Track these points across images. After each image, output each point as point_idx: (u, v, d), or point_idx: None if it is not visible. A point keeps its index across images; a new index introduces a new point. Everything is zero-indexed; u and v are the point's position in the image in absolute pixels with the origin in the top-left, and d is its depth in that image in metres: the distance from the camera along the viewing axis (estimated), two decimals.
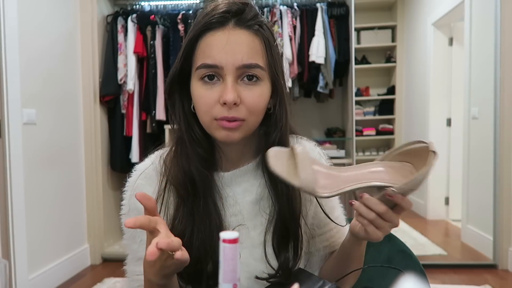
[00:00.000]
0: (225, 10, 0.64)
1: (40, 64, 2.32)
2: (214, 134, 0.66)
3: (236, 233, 0.44)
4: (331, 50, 2.88)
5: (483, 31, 2.80)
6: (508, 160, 2.54)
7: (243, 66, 0.63)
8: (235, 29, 0.64)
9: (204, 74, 0.64)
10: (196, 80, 0.65)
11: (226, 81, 0.63)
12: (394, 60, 4.19)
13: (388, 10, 4.32)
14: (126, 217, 0.72)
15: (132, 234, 0.71)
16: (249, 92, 0.64)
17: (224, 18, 0.64)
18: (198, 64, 0.64)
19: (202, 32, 0.64)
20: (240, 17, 0.64)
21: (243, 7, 0.65)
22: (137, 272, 0.71)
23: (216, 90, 0.63)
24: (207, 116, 0.65)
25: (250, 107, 0.64)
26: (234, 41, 0.63)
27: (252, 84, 0.64)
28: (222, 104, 0.63)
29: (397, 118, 4.21)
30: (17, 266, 2.06)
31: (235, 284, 0.44)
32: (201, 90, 0.65)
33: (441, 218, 3.71)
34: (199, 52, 0.65)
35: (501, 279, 2.40)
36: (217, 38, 0.63)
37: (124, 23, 2.92)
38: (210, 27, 0.64)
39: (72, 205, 2.63)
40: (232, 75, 0.63)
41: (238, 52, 0.63)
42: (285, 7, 2.89)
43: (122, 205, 0.74)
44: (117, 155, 2.95)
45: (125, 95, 2.91)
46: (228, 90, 0.62)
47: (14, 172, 2.05)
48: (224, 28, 0.64)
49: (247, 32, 0.64)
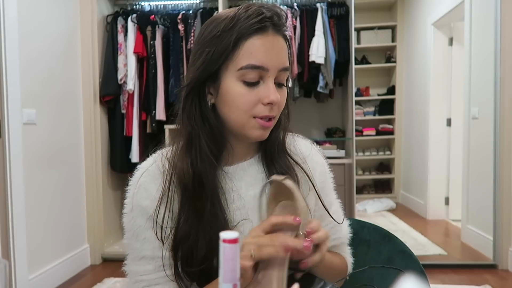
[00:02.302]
0: (267, 16, 0.67)
1: (40, 64, 2.32)
2: (248, 131, 0.70)
3: (236, 233, 0.44)
4: (331, 50, 2.88)
5: (483, 31, 2.80)
6: (508, 160, 2.54)
7: (282, 68, 0.69)
8: (275, 35, 0.68)
9: (247, 74, 0.67)
10: (235, 80, 0.68)
11: (268, 83, 0.68)
12: (394, 60, 4.19)
13: (388, 10, 4.32)
14: (128, 215, 0.72)
15: (135, 233, 0.71)
16: (281, 94, 0.70)
17: (267, 23, 0.67)
18: (242, 64, 0.66)
19: (246, 35, 0.67)
20: (277, 23, 0.69)
21: (279, 13, 0.70)
22: (140, 273, 0.71)
23: (257, 90, 0.68)
24: (245, 114, 0.68)
25: (280, 106, 0.71)
26: (276, 46, 0.68)
27: (281, 88, 0.71)
28: (266, 104, 0.68)
29: (397, 118, 4.21)
30: (17, 266, 2.06)
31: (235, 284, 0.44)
32: (242, 90, 0.68)
33: (441, 218, 3.71)
34: (244, 53, 0.67)
35: (501, 279, 2.40)
36: (264, 41, 0.67)
37: (124, 23, 2.92)
38: (254, 31, 0.67)
39: (72, 205, 2.63)
40: (273, 77, 0.68)
41: (280, 57, 0.68)
42: (285, 7, 2.89)
43: (125, 204, 0.74)
44: (117, 155, 2.95)
45: (125, 95, 2.90)
46: (273, 91, 0.67)
47: (14, 172, 2.05)
48: (268, 33, 0.67)
49: (281, 37, 0.70)
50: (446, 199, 3.73)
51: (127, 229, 0.73)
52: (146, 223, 0.70)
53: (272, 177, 0.66)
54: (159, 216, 0.70)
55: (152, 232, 0.70)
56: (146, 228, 0.70)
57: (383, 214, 3.89)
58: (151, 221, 0.70)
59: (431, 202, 3.75)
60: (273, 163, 0.76)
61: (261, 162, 0.77)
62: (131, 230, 0.72)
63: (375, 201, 4.10)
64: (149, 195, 0.71)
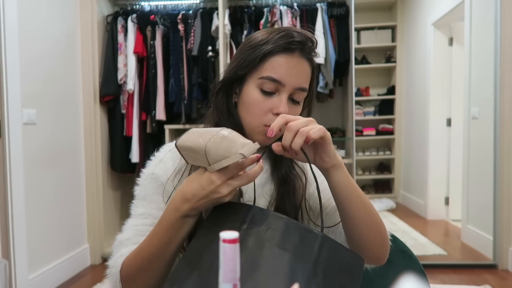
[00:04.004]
0: (296, 39, 0.76)
1: (40, 64, 2.32)
2: (254, 136, 0.78)
3: (236, 233, 0.44)
4: (331, 50, 2.88)
5: (483, 31, 2.80)
6: (508, 160, 2.54)
7: (298, 88, 0.77)
8: (300, 58, 0.77)
9: (265, 84, 0.76)
10: (255, 87, 0.77)
11: (282, 97, 0.76)
12: (394, 60, 4.19)
13: (388, 10, 4.32)
14: (142, 183, 0.81)
15: (143, 196, 0.80)
16: (292, 110, 0.78)
17: (294, 46, 0.76)
18: (263, 74, 0.76)
19: (274, 52, 0.76)
20: (305, 48, 0.77)
21: (310, 41, 0.78)
22: (137, 223, 0.78)
23: (271, 101, 0.76)
24: (256, 120, 0.77)
25: None
26: (298, 67, 0.77)
27: (295, 105, 0.79)
28: (275, 114, 0.75)
29: (397, 118, 4.21)
30: (17, 266, 2.06)
31: (235, 284, 0.44)
32: (259, 97, 0.77)
33: (441, 218, 3.71)
34: (267, 66, 0.76)
35: (501, 279, 2.40)
36: (287, 61, 0.76)
37: (124, 23, 2.92)
38: (281, 50, 0.76)
39: (72, 205, 2.63)
40: (288, 92, 0.76)
41: (298, 77, 0.77)
42: (285, 7, 2.89)
43: (141, 174, 0.82)
44: (117, 155, 2.94)
45: (125, 95, 2.90)
46: (285, 104, 0.75)
47: (14, 172, 2.05)
48: (294, 55, 0.76)
49: (307, 62, 0.78)
50: (446, 199, 3.73)
51: (136, 195, 0.81)
52: (156, 189, 0.79)
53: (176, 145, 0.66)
54: (169, 184, 0.78)
55: (159, 197, 0.78)
56: (154, 193, 0.79)
57: (383, 214, 3.89)
58: (160, 188, 0.79)
59: (431, 202, 3.75)
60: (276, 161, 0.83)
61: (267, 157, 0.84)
62: (140, 194, 0.80)
63: (375, 201, 4.10)
64: (165, 166, 0.81)
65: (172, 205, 0.66)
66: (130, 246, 0.75)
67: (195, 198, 0.64)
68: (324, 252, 0.60)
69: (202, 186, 0.63)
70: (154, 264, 0.69)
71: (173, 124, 2.95)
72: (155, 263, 0.69)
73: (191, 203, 0.64)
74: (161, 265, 0.69)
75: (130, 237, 0.76)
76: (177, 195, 0.66)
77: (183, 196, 0.65)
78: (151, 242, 0.69)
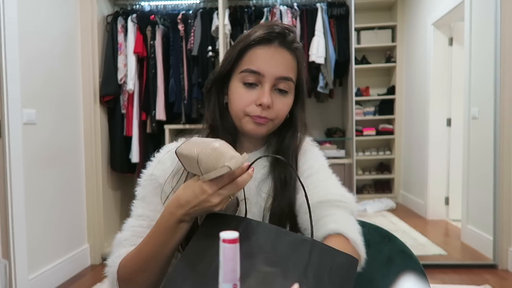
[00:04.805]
0: (275, 31, 0.78)
1: (40, 64, 2.32)
2: (243, 126, 0.80)
3: (236, 233, 0.44)
4: (331, 50, 2.88)
5: (483, 31, 2.80)
6: (508, 160, 2.54)
7: (280, 77, 0.78)
8: (279, 48, 0.78)
9: (246, 77, 0.77)
10: (238, 81, 0.79)
11: (264, 87, 0.77)
12: (394, 60, 4.18)
13: (388, 10, 4.32)
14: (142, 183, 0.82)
15: (142, 196, 0.82)
16: (280, 100, 0.79)
17: (272, 37, 0.78)
18: (243, 68, 0.78)
19: (252, 44, 0.78)
20: (284, 39, 0.78)
21: (288, 31, 0.79)
22: (134, 224, 0.80)
23: (254, 93, 0.78)
24: (240, 112, 0.79)
25: (279, 111, 0.80)
26: (277, 57, 0.78)
27: (282, 95, 0.80)
28: (258, 105, 0.77)
29: (397, 118, 4.21)
30: (17, 266, 2.06)
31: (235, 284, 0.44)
32: (241, 90, 0.79)
33: (441, 218, 3.71)
34: (246, 59, 0.78)
35: (501, 279, 2.40)
36: (264, 51, 0.77)
37: (124, 23, 2.92)
38: (260, 42, 0.77)
39: (72, 205, 2.63)
40: (270, 83, 0.77)
41: (278, 66, 0.77)
42: (285, 7, 2.90)
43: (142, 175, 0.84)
44: (117, 155, 2.94)
45: (125, 95, 2.90)
46: (266, 95, 0.77)
47: (14, 172, 2.05)
48: (271, 45, 0.78)
49: (287, 51, 0.79)
50: (446, 199, 3.73)
51: (137, 195, 0.83)
52: (154, 190, 0.81)
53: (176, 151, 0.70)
54: (167, 185, 0.79)
55: (157, 198, 0.80)
56: (152, 194, 0.81)
57: (383, 214, 3.89)
58: (158, 189, 0.80)
59: (431, 202, 3.75)
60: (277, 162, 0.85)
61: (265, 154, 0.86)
62: (140, 194, 0.82)
63: (375, 201, 4.10)
64: (163, 167, 0.82)
65: (168, 209, 0.69)
66: (127, 247, 0.78)
67: (188, 205, 0.66)
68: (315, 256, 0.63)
69: (195, 194, 0.65)
70: (150, 265, 0.71)
71: (173, 124, 2.95)
72: (151, 264, 0.71)
73: (185, 209, 0.67)
74: (157, 266, 0.72)
75: (127, 238, 0.79)
76: (173, 200, 0.69)
77: (178, 202, 0.68)
78: (147, 244, 0.71)
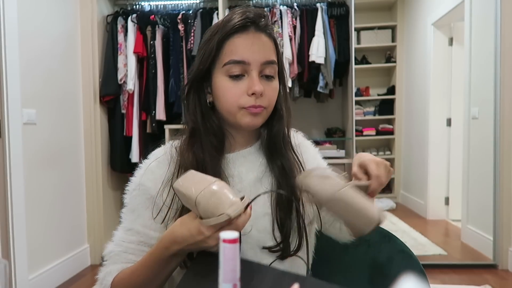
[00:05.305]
0: (247, 17, 0.75)
1: (40, 64, 2.32)
2: (239, 121, 0.76)
3: (236, 233, 0.44)
4: (331, 50, 2.88)
5: (483, 31, 2.80)
6: (508, 160, 2.54)
7: (266, 62, 0.75)
8: (256, 33, 0.76)
9: (231, 69, 0.74)
10: (222, 76, 0.76)
11: (252, 75, 0.74)
12: (394, 60, 4.18)
13: (388, 10, 4.31)
14: (131, 193, 0.80)
15: (132, 208, 0.79)
16: (269, 86, 0.76)
17: (248, 24, 0.75)
18: (225, 60, 0.74)
19: (228, 35, 0.75)
20: (259, 23, 0.76)
21: (260, 14, 0.77)
22: (123, 239, 0.78)
23: (242, 83, 0.75)
24: (233, 106, 0.75)
25: (270, 98, 0.77)
26: (257, 43, 0.75)
27: (270, 80, 0.77)
28: (250, 94, 0.74)
29: (397, 118, 4.21)
30: (17, 266, 2.06)
31: (235, 284, 0.44)
32: (229, 84, 0.75)
33: (441, 218, 3.71)
34: (226, 51, 0.75)
35: (501, 279, 2.40)
36: (244, 39, 0.75)
37: (124, 23, 2.92)
38: (235, 31, 0.74)
39: (72, 205, 2.63)
40: (257, 70, 0.75)
41: (261, 52, 0.75)
42: (285, 7, 2.89)
43: (130, 182, 0.81)
44: (117, 155, 2.94)
45: (125, 95, 2.90)
46: (256, 82, 0.74)
47: (14, 172, 2.05)
48: (248, 32, 0.75)
49: (265, 35, 0.77)
50: (446, 199, 3.73)
51: (126, 203, 0.80)
52: (144, 202, 0.77)
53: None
54: (159, 197, 0.76)
55: (148, 212, 0.77)
56: (143, 207, 0.77)
57: None
58: (150, 202, 0.77)
59: (431, 202, 3.74)
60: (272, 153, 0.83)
61: (261, 150, 0.85)
62: (129, 205, 0.79)
63: (375, 201, 4.10)
64: (154, 177, 0.78)
65: (162, 243, 0.68)
66: (118, 263, 0.77)
67: (184, 242, 0.65)
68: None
69: (191, 234, 0.64)
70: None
71: (173, 124, 2.95)
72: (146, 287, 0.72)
73: (180, 246, 0.66)
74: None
75: (119, 254, 0.77)
76: (168, 236, 0.67)
77: (174, 238, 0.66)
78: (141, 270, 0.71)
